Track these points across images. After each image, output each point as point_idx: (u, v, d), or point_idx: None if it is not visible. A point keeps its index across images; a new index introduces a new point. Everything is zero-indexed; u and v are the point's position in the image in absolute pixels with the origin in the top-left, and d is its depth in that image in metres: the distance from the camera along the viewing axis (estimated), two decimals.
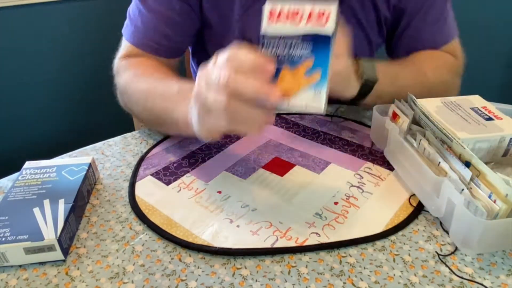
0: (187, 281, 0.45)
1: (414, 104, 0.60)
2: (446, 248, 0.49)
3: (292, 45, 0.42)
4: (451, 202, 0.48)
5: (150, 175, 0.60)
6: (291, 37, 0.42)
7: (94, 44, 1.56)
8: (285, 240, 0.49)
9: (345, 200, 0.55)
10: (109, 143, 0.69)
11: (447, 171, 0.50)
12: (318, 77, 0.41)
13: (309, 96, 0.41)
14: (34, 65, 1.55)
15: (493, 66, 1.92)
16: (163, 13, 0.67)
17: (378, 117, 0.63)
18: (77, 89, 1.65)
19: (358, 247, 0.49)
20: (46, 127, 1.66)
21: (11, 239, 0.45)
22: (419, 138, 0.56)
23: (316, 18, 0.41)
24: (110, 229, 0.51)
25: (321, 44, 0.41)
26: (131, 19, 0.70)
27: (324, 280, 0.45)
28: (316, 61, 0.41)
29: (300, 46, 0.42)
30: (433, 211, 0.52)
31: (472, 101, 0.63)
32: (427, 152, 0.54)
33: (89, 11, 1.53)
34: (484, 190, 0.47)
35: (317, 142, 0.68)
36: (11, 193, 0.52)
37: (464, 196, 0.46)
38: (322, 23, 0.41)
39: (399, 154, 0.58)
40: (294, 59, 0.42)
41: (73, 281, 0.45)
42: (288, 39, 0.42)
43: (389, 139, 0.60)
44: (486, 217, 0.44)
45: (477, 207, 0.44)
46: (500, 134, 0.55)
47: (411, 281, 0.44)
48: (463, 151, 0.51)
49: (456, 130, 0.55)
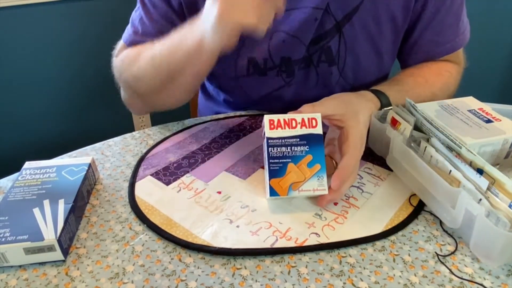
0: (187, 281, 0.45)
1: (414, 109, 0.59)
2: (446, 248, 0.49)
3: (293, 144, 0.52)
4: (469, 213, 0.46)
5: (150, 175, 0.60)
6: (291, 138, 0.52)
7: (94, 44, 1.56)
8: (285, 240, 0.49)
9: (345, 201, 0.55)
10: (109, 143, 0.69)
11: (460, 180, 0.49)
12: (319, 167, 0.52)
13: (315, 182, 0.52)
14: (34, 65, 1.55)
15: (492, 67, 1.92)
16: (164, 25, 0.67)
17: (377, 124, 0.61)
18: (77, 89, 1.65)
19: (358, 247, 0.49)
20: (46, 127, 1.66)
21: (11, 239, 0.45)
22: (424, 145, 0.55)
23: (308, 123, 0.53)
24: (110, 229, 0.51)
25: (316, 141, 0.53)
26: (133, 25, 0.71)
27: (324, 280, 0.45)
28: (314, 155, 0.52)
29: (299, 144, 0.52)
30: (448, 222, 0.50)
31: (468, 103, 0.63)
32: (434, 160, 0.53)
33: (89, 11, 1.53)
34: (503, 199, 0.46)
35: None
36: (11, 193, 0.52)
37: (484, 206, 0.45)
38: (313, 126, 0.53)
39: (405, 162, 0.56)
40: (296, 154, 0.52)
41: (73, 281, 0.45)
42: (289, 140, 0.52)
43: (392, 147, 0.59)
44: (509, 228, 0.43)
45: (498, 217, 0.44)
46: (504, 137, 0.55)
47: (411, 281, 0.45)
48: (474, 158, 0.50)
49: (461, 135, 0.54)
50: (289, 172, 0.52)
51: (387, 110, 0.62)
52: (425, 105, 0.61)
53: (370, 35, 0.71)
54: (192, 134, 0.70)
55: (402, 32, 0.73)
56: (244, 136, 0.69)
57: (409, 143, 0.57)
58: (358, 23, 0.69)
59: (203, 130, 0.71)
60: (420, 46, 0.75)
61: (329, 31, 0.69)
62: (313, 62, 0.72)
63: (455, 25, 0.73)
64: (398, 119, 0.59)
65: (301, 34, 0.68)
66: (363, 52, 0.72)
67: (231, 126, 0.73)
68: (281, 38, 0.68)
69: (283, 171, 0.52)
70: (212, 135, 0.70)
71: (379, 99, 0.63)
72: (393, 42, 0.74)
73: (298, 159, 0.52)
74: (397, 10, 0.69)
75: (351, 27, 0.69)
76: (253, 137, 0.69)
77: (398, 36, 0.73)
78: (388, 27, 0.71)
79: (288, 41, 0.68)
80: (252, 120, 0.75)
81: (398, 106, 0.61)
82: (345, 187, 0.53)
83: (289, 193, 0.51)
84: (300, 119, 0.53)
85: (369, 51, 0.73)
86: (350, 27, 0.69)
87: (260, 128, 0.72)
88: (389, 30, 0.71)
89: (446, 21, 0.72)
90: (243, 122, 0.74)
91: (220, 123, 0.74)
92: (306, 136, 0.52)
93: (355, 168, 0.53)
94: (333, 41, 0.70)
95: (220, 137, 0.69)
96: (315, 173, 0.52)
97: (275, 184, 0.51)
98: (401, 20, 0.71)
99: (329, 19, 0.68)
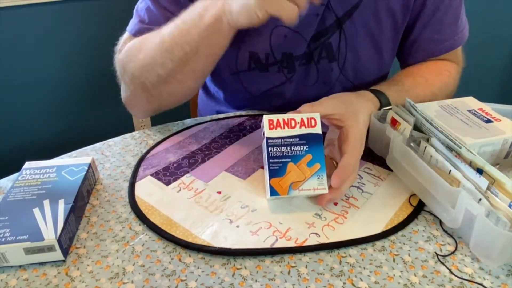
0: (187, 281, 0.45)
1: (414, 109, 0.59)
2: (446, 248, 0.49)
3: (292, 144, 0.52)
4: (469, 212, 0.46)
5: (150, 175, 0.60)
6: (290, 138, 0.52)
7: (94, 44, 1.56)
8: (285, 240, 0.49)
9: (345, 201, 0.55)
10: (109, 143, 0.69)
11: (460, 180, 0.49)
12: (319, 166, 0.52)
13: (315, 182, 0.52)
14: (34, 65, 1.55)
15: (492, 67, 1.92)
16: (173, 11, 0.65)
17: (377, 124, 0.61)
18: (77, 89, 1.65)
19: (358, 247, 0.49)
20: (46, 127, 1.66)
21: (11, 239, 0.45)
22: (424, 145, 0.55)
23: (307, 123, 0.53)
24: (110, 229, 0.51)
25: (315, 141, 0.53)
26: (138, 15, 0.69)
27: (324, 280, 0.45)
28: (314, 155, 0.52)
29: (299, 144, 0.52)
30: (448, 222, 0.50)
31: (468, 103, 0.63)
32: (434, 160, 0.53)
33: (89, 11, 1.53)
34: (503, 199, 0.46)
35: None
36: (11, 193, 0.52)
37: (484, 206, 0.45)
38: (312, 125, 0.53)
39: (404, 162, 0.56)
40: (296, 154, 0.52)
41: (73, 281, 0.45)
42: (288, 139, 0.52)
43: (392, 147, 0.59)
44: (509, 228, 0.43)
45: (498, 217, 0.44)
46: (503, 137, 0.55)
47: (411, 281, 0.45)
48: (474, 158, 0.50)
49: (461, 135, 0.54)
50: (289, 172, 0.52)
51: (387, 110, 0.62)
52: (425, 105, 0.61)
53: (370, 32, 0.71)
54: (192, 134, 0.70)
55: (402, 30, 0.74)
56: (244, 136, 0.69)
57: (409, 143, 0.57)
58: (359, 19, 0.69)
59: (203, 130, 0.71)
60: (420, 44, 0.75)
61: (329, 27, 0.69)
62: (313, 58, 0.72)
63: (454, 23, 0.74)
64: (398, 119, 0.59)
65: (302, 29, 0.68)
66: (363, 49, 0.73)
67: (231, 126, 0.73)
68: (283, 33, 0.69)
69: (283, 170, 0.52)
70: (212, 135, 0.70)
71: (379, 99, 0.63)
72: (393, 40, 0.74)
73: (298, 158, 0.52)
74: (397, 7, 0.70)
75: (352, 24, 0.69)
76: (253, 137, 0.69)
77: (397, 33, 0.74)
78: (388, 25, 0.71)
79: (289, 36, 0.69)
80: (252, 120, 0.75)
81: (398, 106, 0.61)
82: (346, 186, 0.53)
83: (290, 193, 0.51)
84: (299, 119, 0.53)
85: (369, 48, 0.73)
86: (350, 23, 0.69)
87: (260, 128, 0.72)
88: (389, 28, 0.72)
89: (445, 19, 0.73)
90: (243, 122, 0.74)
91: (220, 123, 0.74)
92: (305, 135, 0.52)
93: (355, 168, 0.53)
94: (333, 37, 0.70)
95: (220, 137, 0.69)
96: (315, 172, 0.52)
97: (275, 183, 0.51)
98: (401, 17, 0.71)
99: (330, 15, 0.68)
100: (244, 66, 0.73)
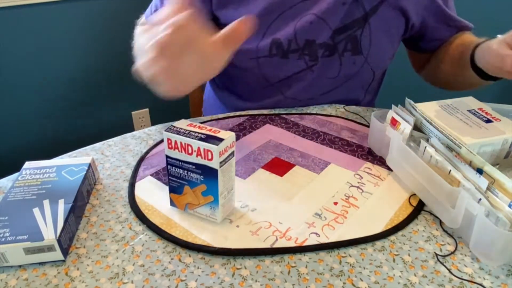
0: (187, 281, 0.45)
1: (414, 109, 0.59)
2: (445, 248, 0.49)
3: (189, 170, 0.49)
4: (469, 212, 0.46)
5: (149, 175, 0.60)
6: (187, 163, 0.49)
7: (95, 44, 1.56)
8: (285, 240, 0.49)
9: (345, 200, 0.55)
10: (108, 143, 0.69)
11: (460, 180, 0.49)
12: (212, 199, 0.50)
13: (207, 210, 0.51)
14: (34, 65, 1.55)
15: None
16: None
17: (376, 123, 0.62)
18: (77, 90, 1.65)
19: (358, 247, 0.49)
20: (46, 127, 1.67)
21: (11, 239, 0.45)
22: (424, 145, 0.55)
23: (203, 154, 0.47)
24: (110, 229, 0.51)
25: (211, 174, 0.48)
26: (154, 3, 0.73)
27: (324, 280, 0.45)
28: (209, 186, 0.49)
29: (195, 171, 0.49)
30: (448, 222, 0.50)
31: (468, 103, 0.63)
32: (434, 159, 0.53)
33: (90, 11, 1.53)
34: (503, 199, 0.46)
35: (317, 142, 0.68)
36: (11, 193, 0.52)
37: (483, 206, 0.45)
38: (208, 158, 0.47)
39: (404, 162, 0.56)
40: (192, 180, 0.50)
41: (73, 281, 0.45)
42: (185, 164, 0.49)
43: (392, 147, 0.59)
44: (509, 228, 0.43)
45: (498, 217, 0.44)
46: (503, 137, 0.55)
47: (411, 281, 0.45)
48: (473, 158, 0.50)
49: (461, 135, 0.54)
50: (185, 193, 0.51)
51: (387, 111, 0.62)
52: (425, 105, 0.61)
53: (388, 27, 0.74)
54: None
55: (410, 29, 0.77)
56: (244, 136, 0.69)
57: (408, 143, 0.57)
58: (382, 14, 0.72)
59: None
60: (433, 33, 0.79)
61: (356, 20, 0.72)
62: (338, 50, 0.74)
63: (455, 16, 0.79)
64: (398, 119, 0.59)
65: (328, 17, 0.71)
66: (382, 42, 0.76)
67: (231, 126, 0.73)
68: (309, 19, 0.71)
69: (180, 189, 0.51)
70: None
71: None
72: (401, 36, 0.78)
73: (194, 184, 0.50)
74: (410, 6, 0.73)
75: (376, 19, 0.72)
76: (253, 137, 0.69)
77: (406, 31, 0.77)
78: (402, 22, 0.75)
79: (315, 22, 0.71)
80: (252, 120, 0.75)
81: (398, 106, 0.61)
82: None
83: (186, 210, 0.53)
84: (196, 147, 0.47)
85: (387, 43, 0.77)
86: (375, 18, 0.72)
87: (259, 128, 0.72)
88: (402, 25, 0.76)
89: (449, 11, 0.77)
90: (243, 122, 0.74)
91: (220, 123, 0.74)
92: (201, 166, 0.48)
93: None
94: (359, 31, 0.73)
95: None
96: (208, 203, 0.50)
97: (174, 198, 0.53)
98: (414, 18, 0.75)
99: (357, 9, 0.71)
100: (265, 52, 0.74)
